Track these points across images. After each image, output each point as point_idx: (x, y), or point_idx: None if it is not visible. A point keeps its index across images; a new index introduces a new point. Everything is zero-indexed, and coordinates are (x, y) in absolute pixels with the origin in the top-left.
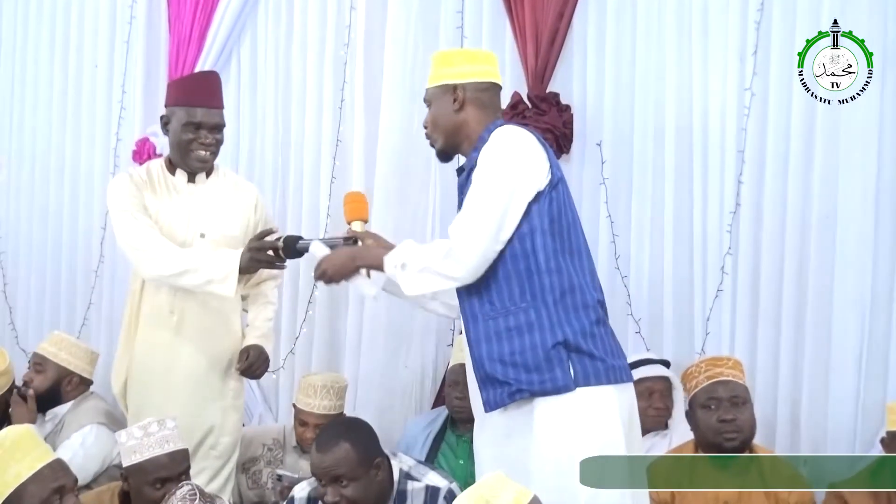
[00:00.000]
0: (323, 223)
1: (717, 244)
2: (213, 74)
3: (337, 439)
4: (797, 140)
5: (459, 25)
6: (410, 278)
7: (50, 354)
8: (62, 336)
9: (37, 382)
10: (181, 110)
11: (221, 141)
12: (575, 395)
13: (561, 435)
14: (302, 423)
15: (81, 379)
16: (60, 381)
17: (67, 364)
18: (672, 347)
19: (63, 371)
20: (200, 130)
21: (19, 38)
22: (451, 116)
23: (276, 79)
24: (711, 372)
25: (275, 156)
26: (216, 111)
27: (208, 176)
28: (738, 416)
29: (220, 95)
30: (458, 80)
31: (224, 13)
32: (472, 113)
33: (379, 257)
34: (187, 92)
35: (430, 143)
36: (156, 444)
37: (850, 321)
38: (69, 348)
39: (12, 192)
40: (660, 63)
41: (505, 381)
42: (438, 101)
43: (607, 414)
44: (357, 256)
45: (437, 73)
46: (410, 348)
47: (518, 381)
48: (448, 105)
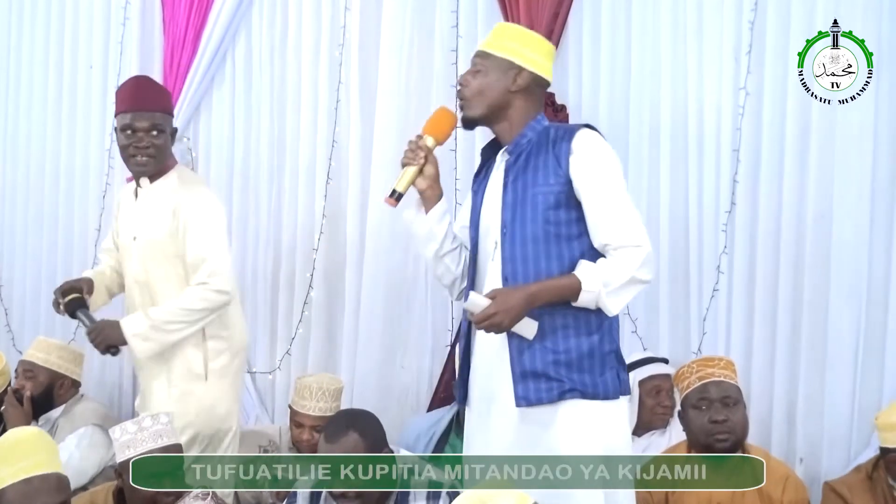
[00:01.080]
0: (318, 224)
1: (712, 243)
2: (143, 78)
3: (346, 429)
4: (792, 139)
5: (454, 25)
6: (616, 295)
7: (39, 360)
8: (48, 340)
9: (29, 389)
10: (117, 118)
11: (161, 144)
12: (618, 403)
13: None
14: (298, 424)
15: (72, 381)
16: (53, 386)
17: (58, 368)
18: (668, 346)
19: (55, 375)
20: (136, 134)
21: (13, 38)
22: (503, 94)
23: (271, 80)
24: (703, 372)
25: (270, 157)
26: (146, 113)
27: (153, 181)
28: (730, 417)
29: (153, 98)
30: (526, 64)
31: (218, 14)
32: (522, 100)
33: (567, 287)
34: (119, 99)
35: (460, 105)
36: (150, 438)
37: (845, 320)
38: (57, 352)
39: (7, 194)
40: (655, 62)
41: (556, 379)
42: (496, 72)
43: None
44: (536, 298)
45: (507, 46)
46: (407, 349)
47: (571, 381)
48: (506, 82)
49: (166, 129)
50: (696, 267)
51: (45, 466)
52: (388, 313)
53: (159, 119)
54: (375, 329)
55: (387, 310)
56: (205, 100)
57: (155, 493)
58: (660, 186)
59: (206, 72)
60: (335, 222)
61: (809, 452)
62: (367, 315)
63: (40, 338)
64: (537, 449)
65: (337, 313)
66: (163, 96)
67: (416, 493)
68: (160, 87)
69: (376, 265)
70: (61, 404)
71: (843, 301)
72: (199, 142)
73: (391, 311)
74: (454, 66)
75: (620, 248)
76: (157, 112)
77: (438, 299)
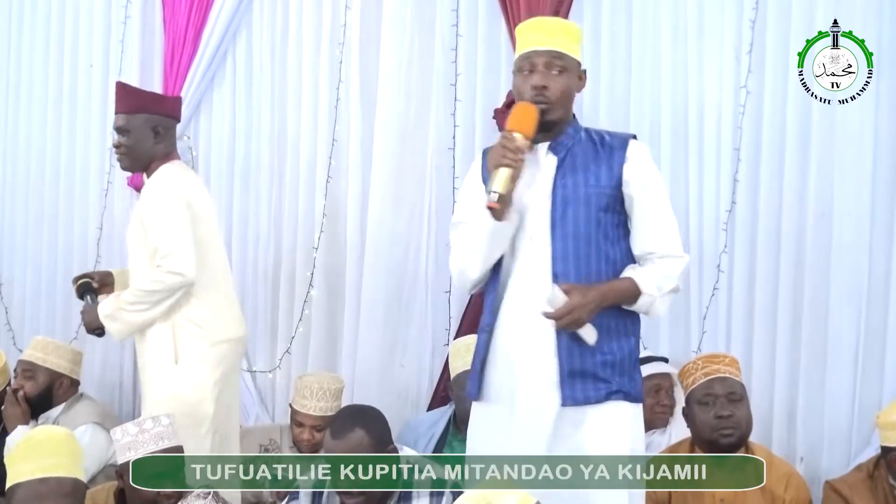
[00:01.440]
0: (319, 222)
1: (713, 242)
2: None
3: (352, 426)
4: (793, 138)
5: (455, 24)
6: (664, 302)
7: (38, 360)
8: (46, 340)
9: (28, 388)
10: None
11: (128, 143)
12: (641, 406)
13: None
14: (298, 424)
15: (71, 381)
16: (52, 385)
17: (57, 367)
18: (668, 345)
19: (54, 374)
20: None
21: (13, 37)
22: (574, 94)
23: (272, 78)
24: (708, 369)
25: (270, 155)
26: (118, 115)
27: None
28: (735, 413)
29: (123, 100)
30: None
31: (219, 13)
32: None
33: (628, 291)
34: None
35: (543, 109)
36: (150, 440)
37: (846, 319)
38: (56, 351)
39: (7, 193)
40: (655, 61)
41: (604, 379)
42: (571, 74)
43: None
44: (605, 298)
45: (574, 47)
46: (407, 348)
47: (617, 382)
48: (576, 83)
49: (131, 129)
50: (697, 266)
51: (64, 469)
52: (388, 312)
53: (123, 120)
54: (375, 328)
55: (387, 308)
56: (205, 99)
57: (156, 494)
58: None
59: (207, 71)
60: (335, 221)
61: (810, 451)
62: (367, 314)
63: (38, 337)
64: (563, 448)
65: (337, 312)
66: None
67: (419, 492)
68: (132, 89)
69: (376, 264)
70: (60, 403)
71: (843, 300)
72: (200, 141)
73: (391, 309)
74: (454, 65)
75: (667, 257)
76: (124, 114)
77: (438, 298)
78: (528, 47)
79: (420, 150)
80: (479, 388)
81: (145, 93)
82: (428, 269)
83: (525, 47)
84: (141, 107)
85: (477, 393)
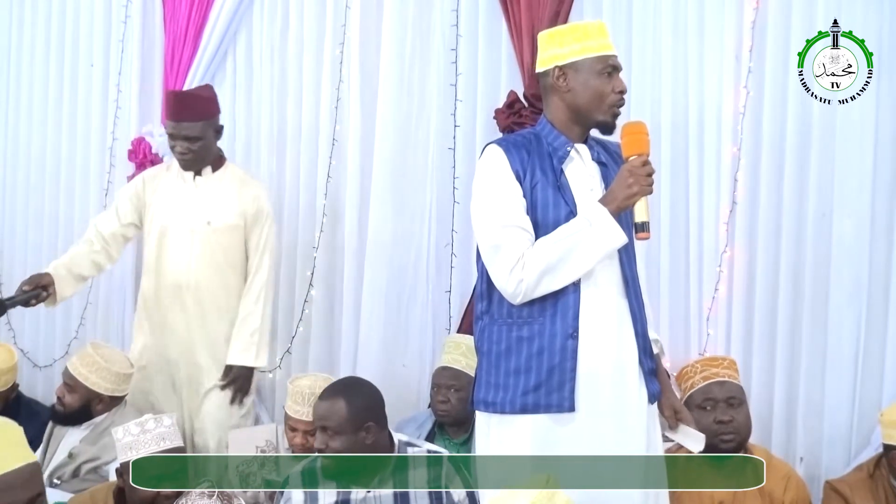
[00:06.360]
0: (318, 222)
1: (713, 242)
2: (178, 93)
3: (337, 394)
4: (793, 138)
5: (455, 24)
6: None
7: (80, 377)
8: (94, 356)
9: (67, 400)
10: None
11: (196, 149)
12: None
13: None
14: (292, 429)
15: (112, 398)
16: (90, 401)
17: (96, 387)
18: (668, 345)
19: (92, 393)
20: (175, 140)
21: (14, 37)
22: None
23: (272, 78)
24: (707, 372)
25: (270, 155)
26: (186, 124)
27: (214, 170)
28: (735, 417)
29: (191, 109)
30: None
31: (219, 12)
32: None
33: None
34: (164, 108)
35: (618, 113)
36: (152, 440)
37: (846, 320)
38: (98, 372)
39: (8, 191)
40: (656, 61)
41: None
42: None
43: None
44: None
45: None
46: (408, 347)
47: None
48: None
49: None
50: (697, 265)
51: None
52: (389, 312)
53: (191, 129)
54: (375, 327)
55: (387, 308)
56: None
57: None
58: (660, 185)
59: (207, 70)
60: (335, 221)
61: (809, 452)
62: (367, 313)
63: (89, 347)
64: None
65: (337, 312)
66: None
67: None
68: (195, 97)
69: (376, 264)
70: (100, 415)
71: (843, 300)
72: None
73: (391, 309)
74: (454, 65)
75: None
76: (193, 122)
77: (438, 298)
78: (605, 50)
79: (420, 150)
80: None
81: (205, 99)
82: (428, 268)
83: (603, 50)
84: (207, 114)
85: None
